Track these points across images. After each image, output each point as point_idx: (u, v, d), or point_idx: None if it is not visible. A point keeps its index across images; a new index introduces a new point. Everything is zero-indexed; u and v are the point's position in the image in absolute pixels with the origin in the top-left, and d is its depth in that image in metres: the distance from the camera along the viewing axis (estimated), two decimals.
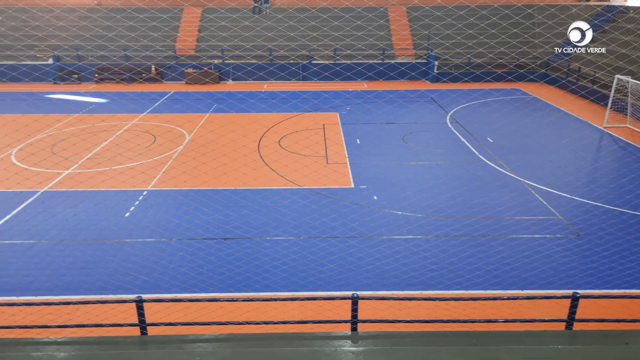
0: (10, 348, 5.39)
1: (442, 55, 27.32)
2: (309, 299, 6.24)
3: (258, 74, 26.74)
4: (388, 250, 10.10)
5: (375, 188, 13.22)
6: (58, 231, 10.79)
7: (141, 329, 6.09)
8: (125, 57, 27.75)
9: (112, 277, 9.15)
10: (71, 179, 13.65)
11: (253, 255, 9.88)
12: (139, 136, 17.42)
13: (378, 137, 17.53)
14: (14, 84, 26.23)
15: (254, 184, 13.35)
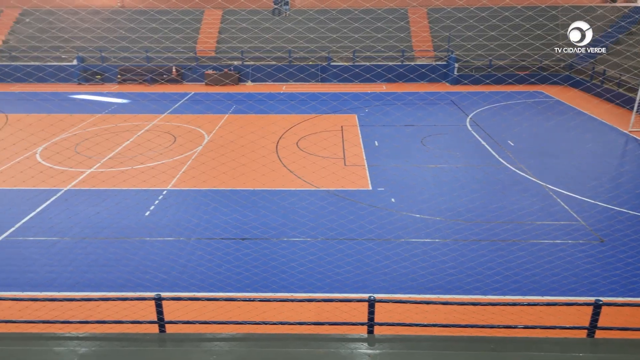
0: (34, 342, 5.52)
1: (462, 57, 27.06)
2: (326, 301, 6.24)
3: (277, 75, 26.87)
4: (405, 253, 10.03)
5: (393, 190, 13.15)
6: (80, 229, 11.01)
7: (160, 327, 6.17)
8: (147, 59, 28.18)
9: (132, 274, 9.29)
10: (94, 178, 13.91)
11: (270, 256, 9.92)
12: (160, 136, 17.67)
13: (396, 140, 17.45)
14: (41, 84, 26.88)
15: (272, 184, 13.41)
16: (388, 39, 27.99)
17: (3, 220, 11.35)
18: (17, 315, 7.45)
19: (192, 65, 27.96)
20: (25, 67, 27.19)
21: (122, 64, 28.05)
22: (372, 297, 5.90)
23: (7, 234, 10.81)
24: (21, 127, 18.18)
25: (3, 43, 29.44)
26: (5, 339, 5.66)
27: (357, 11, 27.67)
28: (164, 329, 6.20)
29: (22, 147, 15.96)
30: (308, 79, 27.52)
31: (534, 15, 26.73)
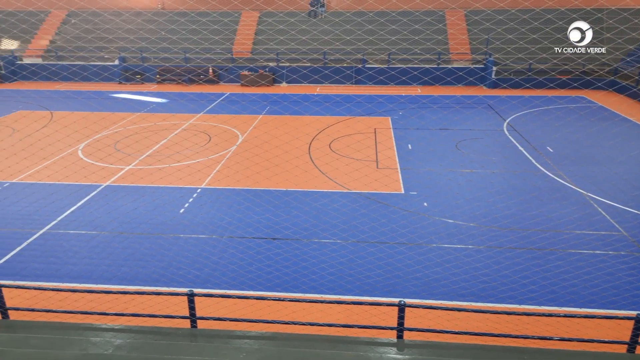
0: (73, 332, 5.72)
1: (501, 61, 26.47)
2: (355, 304, 6.22)
3: (311, 77, 26.98)
4: (437, 258, 9.89)
5: (426, 195, 12.99)
6: (118, 224, 11.35)
7: (191, 322, 6.29)
8: (185, 60, 28.82)
9: (166, 270, 9.51)
10: (132, 175, 14.33)
11: (301, 257, 9.97)
12: (196, 135, 18.03)
13: (430, 143, 17.23)
14: (84, 83, 27.92)
15: (304, 185, 13.47)
16: (425, 41, 27.67)
17: (47, 213, 11.83)
18: (57, 305, 7.74)
19: (228, 66, 28.42)
20: (71, 67, 28.29)
21: (161, 64, 28.80)
22: (403, 301, 5.84)
23: (49, 226, 11.26)
24: (66, 124, 18.92)
25: (50, 43, 30.71)
26: (46, 328, 5.89)
27: (395, 13, 27.47)
28: (196, 325, 6.32)
29: (66, 143, 16.61)
30: (343, 80, 27.52)
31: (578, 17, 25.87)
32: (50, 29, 31.57)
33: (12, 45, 30.55)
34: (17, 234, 10.87)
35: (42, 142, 16.36)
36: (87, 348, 5.28)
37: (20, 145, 16.48)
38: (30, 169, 14.56)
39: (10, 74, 28.85)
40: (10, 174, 14.07)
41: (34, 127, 19.01)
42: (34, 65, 29.05)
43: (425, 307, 6.43)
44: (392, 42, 27.70)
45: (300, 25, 29.50)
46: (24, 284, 8.37)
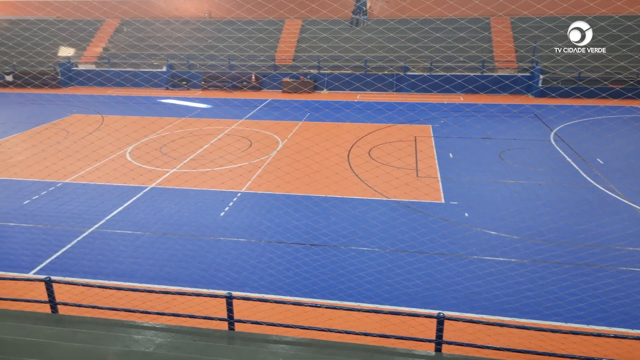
0: (117, 329, 5.91)
1: (550, 69, 25.63)
2: (393, 314, 6.13)
3: (355, 84, 27.00)
4: (479, 271, 9.62)
5: (467, 205, 12.69)
6: (162, 225, 11.69)
7: (229, 324, 6.38)
8: (229, 67, 29.50)
9: (206, 271, 9.70)
10: (177, 178, 14.75)
11: (338, 264, 9.94)
12: (238, 141, 18.38)
13: (473, 152, 16.85)
14: (135, 89, 29.07)
15: (343, 192, 13.45)
16: (470, 49, 27.19)
17: (96, 212, 12.34)
18: (103, 302, 8.03)
19: (271, 73, 28.87)
20: (123, 73, 29.52)
21: (206, 71, 29.59)
22: (442, 314, 5.71)
23: (97, 225, 11.73)
24: (117, 128, 19.72)
25: (104, 50, 32.16)
26: (92, 323, 6.11)
27: (439, 21, 27.13)
28: (233, 327, 6.40)
29: (116, 146, 17.32)
30: (384, 88, 27.40)
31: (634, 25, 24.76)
32: (104, 37, 33.08)
33: (69, 52, 32.19)
34: (68, 232, 11.38)
35: (94, 145, 17.12)
36: (130, 345, 5.44)
37: (74, 148, 17.29)
38: (82, 170, 15.24)
39: (67, 80, 30.40)
40: (64, 175, 14.78)
41: (87, 130, 19.93)
42: (90, 71, 30.49)
43: (465, 320, 6.25)
44: (436, 49, 27.37)
45: (342, 33, 29.64)
46: (73, 280, 8.73)
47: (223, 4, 32.80)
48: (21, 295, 8.25)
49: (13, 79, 29.89)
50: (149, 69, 30.08)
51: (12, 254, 10.45)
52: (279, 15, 31.18)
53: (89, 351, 5.21)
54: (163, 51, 30.65)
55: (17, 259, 10.24)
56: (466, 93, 26.14)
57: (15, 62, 31.19)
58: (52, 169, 14.83)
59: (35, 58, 31.07)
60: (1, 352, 5.06)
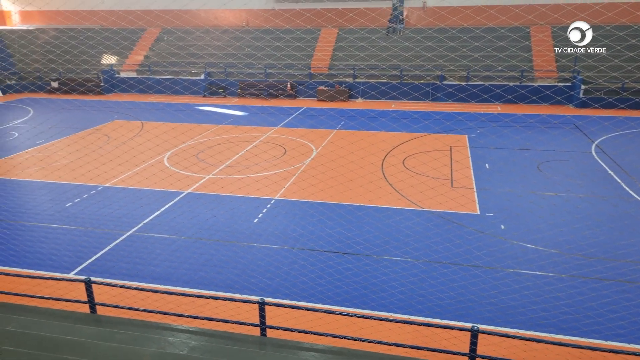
0: (152, 330, 6.06)
1: (592, 79, 24.83)
2: (426, 325, 6.04)
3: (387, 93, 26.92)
4: (515, 284, 9.38)
5: (503, 217, 12.41)
6: (197, 230, 11.94)
7: (261, 330, 6.44)
8: (266, 75, 29.95)
9: (240, 277, 9.83)
10: (213, 184, 15.04)
11: (371, 273, 9.89)
12: (273, 148, 18.60)
13: (510, 163, 16.48)
14: (174, 96, 29.89)
15: (376, 201, 13.40)
16: (509, 58, 26.68)
17: (134, 216, 12.72)
18: (139, 304, 8.25)
19: (306, 82, 29.14)
20: (164, 80, 30.43)
21: (243, 79, 30.14)
22: (476, 327, 5.60)
23: (135, 228, 12.08)
24: (157, 134, 20.31)
25: (145, 58, 33.26)
26: (129, 324, 6.29)
27: (479, 30, 26.73)
28: (265, 333, 6.46)
29: (155, 152, 17.85)
30: (421, 97, 27.20)
31: None
32: (145, 45, 34.23)
33: (112, 60, 33.47)
34: (107, 235, 11.78)
35: (134, 150, 17.69)
36: (164, 347, 5.57)
37: (116, 153, 17.91)
38: (122, 175, 15.76)
39: (110, 87, 31.58)
40: (105, 179, 15.32)
41: (128, 135, 20.61)
42: (132, 79, 31.58)
43: (499, 334, 6.10)
44: (474, 59, 26.99)
45: (378, 42, 29.65)
46: (111, 282, 9.01)
47: (261, 13, 33.42)
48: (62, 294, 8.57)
49: (59, 85, 31.27)
50: (188, 77, 30.90)
51: (55, 254, 10.88)
52: (317, 24, 31.50)
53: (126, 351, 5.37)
54: (202, 59, 31.44)
55: (59, 259, 10.66)
56: (504, 103, 25.64)
57: (62, 69, 32.65)
58: (94, 173, 15.40)
59: (81, 65, 32.44)
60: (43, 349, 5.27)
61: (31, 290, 8.07)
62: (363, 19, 30.45)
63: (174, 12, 33.54)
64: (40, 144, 19.79)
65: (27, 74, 32.55)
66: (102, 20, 35.56)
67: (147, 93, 30.43)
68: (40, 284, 8.93)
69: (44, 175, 16.03)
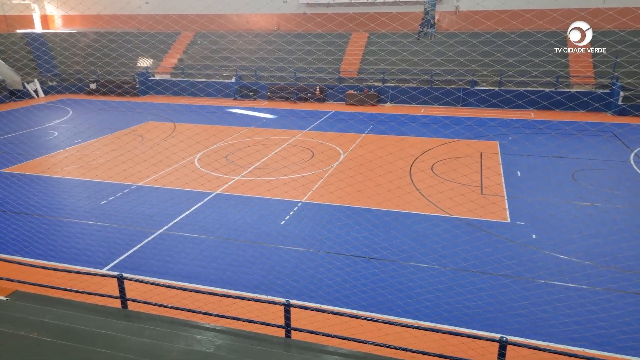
0: (180, 327, 6.19)
1: (632, 86, 24.00)
2: (452, 334, 5.95)
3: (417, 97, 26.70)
4: (546, 296, 9.13)
5: (535, 226, 12.11)
6: (226, 230, 12.10)
7: (286, 332, 6.48)
8: (295, 78, 30.16)
9: (266, 278, 9.92)
10: (241, 185, 15.23)
11: (397, 279, 9.81)
12: (302, 151, 18.71)
13: (543, 171, 16.08)
14: (206, 98, 30.44)
15: (404, 207, 13.29)
16: (545, 63, 26.08)
17: (165, 215, 13.01)
18: (168, 301, 8.41)
19: (336, 85, 29.20)
20: (197, 83, 31.06)
21: (273, 82, 30.44)
22: (504, 338, 5.49)
23: (166, 227, 12.34)
24: (190, 135, 20.72)
25: (178, 61, 34.00)
26: (158, 321, 6.44)
27: (514, 35, 26.22)
28: (290, 335, 6.49)
29: (188, 153, 18.22)
30: (452, 102, 26.86)
31: None
32: (180, 48, 35.00)
33: (147, 63, 34.36)
34: (139, 232, 12.08)
35: (167, 151, 18.09)
36: (192, 344, 5.67)
37: (150, 153, 18.37)
38: (154, 174, 16.14)
39: (146, 89, 32.43)
40: (140, 178, 15.72)
41: (161, 136, 21.11)
42: (166, 81, 32.35)
43: (529, 346, 5.96)
44: (508, 64, 26.49)
45: (409, 46, 29.45)
46: (142, 278, 9.21)
47: (293, 18, 33.72)
48: (95, 289, 8.83)
49: (97, 87, 32.29)
50: (220, 80, 31.43)
51: (89, 250, 11.23)
52: (348, 29, 31.55)
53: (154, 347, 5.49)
54: (234, 63, 31.93)
55: (93, 254, 10.99)
56: (539, 109, 25.06)
57: (101, 71, 33.72)
58: (128, 172, 15.82)
59: (119, 68, 33.42)
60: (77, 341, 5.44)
61: (67, 284, 8.35)
62: (395, 23, 30.32)
63: (208, 17, 34.21)
64: (79, 143, 20.48)
65: (68, 76, 33.76)
66: (140, 24, 36.59)
67: (180, 95, 31.09)
68: (75, 278, 9.22)
69: (81, 173, 16.58)
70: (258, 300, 7.00)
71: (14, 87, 30.67)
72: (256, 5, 31.46)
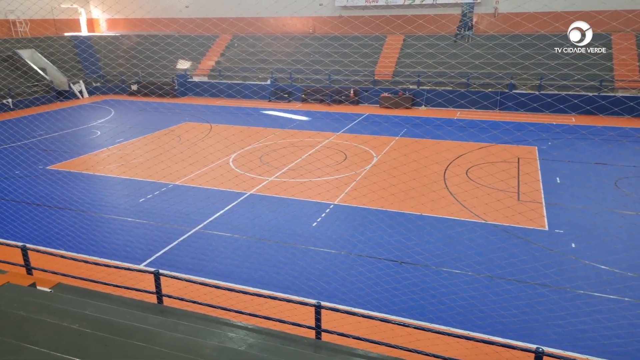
0: (213, 325, 6.30)
1: None
2: (486, 342, 5.83)
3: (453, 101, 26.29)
4: (585, 307, 8.83)
5: (575, 234, 11.71)
6: (259, 230, 12.26)
7: (316, 333, 6.51)
8: (330, 80, 30.23)
9: (297, 279, 9.99)
10: (275, 186, 15.39)
11: (429, 284, 9.69)
12: (335, 153, 18.74)
13: (584, 178, 15.53)
14: (241, 100, 30.92)
15: (437, 211, 13.11)
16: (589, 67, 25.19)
17: (201, 214, 13.29)
18: (202, 298, 8.58)
19: (371, 88, 29.11)
20: (235, 85, 31.60)
21: (308, 84, 30.61)
22: (541, 349, 5.34)
23: (201, 226, 12.61)
24: (226, 136, 21.11)
25: (216, 64, 34.66)
26: (192, 317, 6.57)
27: (556, 37, 25.47)
28: (320, 336, 6.51)
29: (224, 153, 18.57)
30: (490, 106, 26.31)
31: None
32: (217, 50, 35.69)
33: (186, 65, 35.20)
34: (176, 230, 12.38)
35: (204, 151, 18.49)
36: (224, 341, 5.76)
37: (187, 153, 18.81)
38: (191, 174, 16.52)
39: (185, 90, 33.24)
40: (177, 177, 16.13)
41: (198, 137, 21.59)
42: (205, 83, 33.06)
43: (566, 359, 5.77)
44: (549, 67, 25.74)
45: (445, 49, 29.06)
46: (178, 275, 9.46)
47: (329, 20, 33.84)
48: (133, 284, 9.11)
49: (138, 88, 33.32)
50: (256, 82, 31.86)
51: (128, 245, 11.60)
52: (384, 31, 31.41)
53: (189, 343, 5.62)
54: (270, 65, 32.30)
55: (132, 250, 11.35)
56: (580, 114, 24.22)
57: (143, 73, 34.78)
58: (166, 172, 16.26)
59: (160, 70, 34.39)
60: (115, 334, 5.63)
61: (106, 278, 8.65)
62: (432, 26, 29.98)
63: (246, 20, 34.74)
64: (120, 142, 21.19)
65: (112, 77, 34.99)
66: (181, 27, 37.55)
67: (217, 97, 31.70)
68: (114, 272, 9.55)
69: (122, 171, 17.15)
70: (289, 301, 7.06)
71: (61, 88, 32.05)
72: (293, 9, 31.73)
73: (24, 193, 14.96)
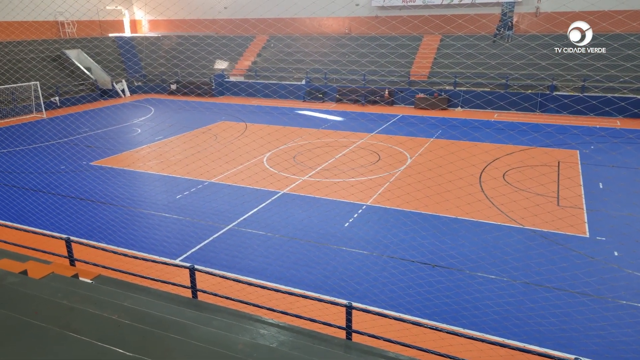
0: (245, 321, 6.40)
1: None
2: (522, 350, 5.69)
3: (490, 102, 25.70)
4: (629, 318, 8.47)
5: (618, 242, 11.25)
6: (291, 229, 12.35)
7: (347, 334, 6.51)
8: (364, 80, 30.12)
9: (328, 278, 10.01)
10: (308, 186, 15.47)
11: (463, 289, 9.53)
12: (368, 154, 18.66)
13: (629, 184, 14.89)
14: (276, 100, 31.22)
15: (473, 215, 12.87)
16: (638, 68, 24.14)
17: (235, 211, 13.51)
18: (235, 294, 8.73)
19: (407, 88, 28.83)
20: (271, 85, 31.96)
21: (343, 85, 30.59)
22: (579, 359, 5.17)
23: (235, 223, 12.82)
24: (261, 135, 21.38)
25: (252, 64, 35.12)
26: (225, 312, 6.70)
27: (603, 37, 24.53)
28: (350, 337, 6.51)
29: (259, 152, 18.80)
30: (531, 108, 25.60)
31: None
32: (254, 51, 36.16)
33: (223, 65, 35.83)
34: (211, 227, 12.63)
35: (240, 150, 18.78)
36: (256, 338, 5.85)
37: (224, 151, 19.16)
38: (226, 172, 16.81)
39: (223, 90, 33.85)
40: (213, 175, 16.45)
41: (234, 135, 21.94)
42: (242, 83, 33.58)
43: None
44: (595, 68, 24.79)
45: (485, 49, 28.45)
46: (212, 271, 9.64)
47: (366, 21, 33.72)
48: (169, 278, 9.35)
49: (177, 87, 34.15)
50: (292, 82, 32.10)
51: (165, 241, 11.92)
52: (422, 31, 31.05)
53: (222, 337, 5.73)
54: (306, 65, 32.47)
55: (169, 245, 11.65)
56: (626, 117, 23.25)
57: (182, 72, 35.64)
58: (203, 169, 16.60)
59: (200, 70, 35.15)
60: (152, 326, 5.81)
61: (144, 272, 8.91)
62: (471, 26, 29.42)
63: (284, 20, 35.05)
64: (159, 140, 21.78)
65: (153, 77, 36.01)
66: (220, 28, 38.25)
67: (253, 97, 32.12)
68: (151, 266, 9.82)
69: (161, 168, 17.63)
70: (320, 300, 7.09)
71: (105, 87, 33.24)
72: (330, 9, 31.79)
73: (69, 187, 15.60)
